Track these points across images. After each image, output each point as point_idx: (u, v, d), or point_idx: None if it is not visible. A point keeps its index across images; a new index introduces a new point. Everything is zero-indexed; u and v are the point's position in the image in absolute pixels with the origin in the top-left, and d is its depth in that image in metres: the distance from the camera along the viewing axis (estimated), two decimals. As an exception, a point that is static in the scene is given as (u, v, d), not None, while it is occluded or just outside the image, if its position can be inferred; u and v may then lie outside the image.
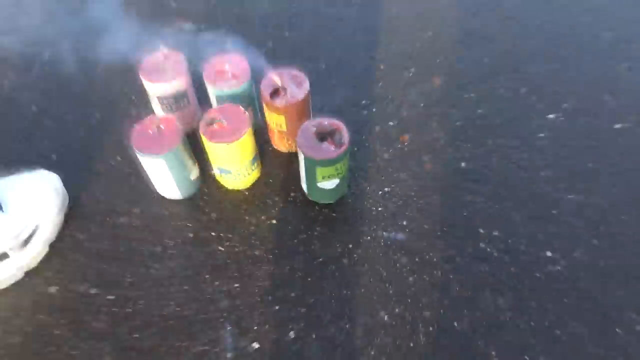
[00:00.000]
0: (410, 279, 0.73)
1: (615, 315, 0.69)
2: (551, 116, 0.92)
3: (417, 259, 0.75)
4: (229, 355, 0.67)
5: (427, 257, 0.75)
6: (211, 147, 0.76)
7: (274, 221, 0.80)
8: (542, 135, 0.89)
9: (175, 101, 0.84)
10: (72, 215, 0.81)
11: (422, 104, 0.95)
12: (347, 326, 0.69)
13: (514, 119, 0.92)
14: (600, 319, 0.69)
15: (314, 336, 0.68)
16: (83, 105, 0.97)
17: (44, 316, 0.72)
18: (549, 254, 0.75)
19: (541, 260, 0.74)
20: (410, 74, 1.00)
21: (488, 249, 0.76)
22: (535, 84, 0.97)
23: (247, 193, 0.84)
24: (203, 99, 0.87)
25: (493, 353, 0.66)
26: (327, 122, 0.75)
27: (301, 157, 0.74)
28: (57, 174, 0.81)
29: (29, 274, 0.76)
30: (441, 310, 0.70)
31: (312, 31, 1.10)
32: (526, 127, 0.91)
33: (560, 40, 1.06)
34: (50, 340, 0.69)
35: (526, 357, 0.66)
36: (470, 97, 0.96)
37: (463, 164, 0.86)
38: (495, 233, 0.77)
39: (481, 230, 0.77)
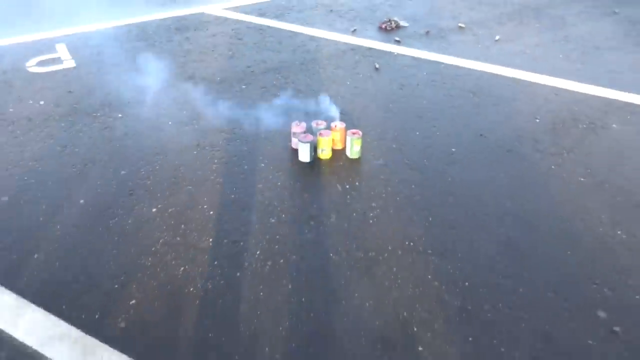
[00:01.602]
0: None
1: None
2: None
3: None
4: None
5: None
6: (321, 140, 2.52)
7: (340, 162, 2.53)
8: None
9: (303, 136, 2.61)
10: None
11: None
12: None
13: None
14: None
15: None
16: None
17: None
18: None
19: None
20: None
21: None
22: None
23: (329, 160, 2.57)
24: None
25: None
26: (354, 130, 2.56)
27: (348, 139, 2.52)
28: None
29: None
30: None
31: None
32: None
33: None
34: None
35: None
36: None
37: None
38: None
39: (404, 158, 2.56)
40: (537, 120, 2.90)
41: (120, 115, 2.90)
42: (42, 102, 3.01)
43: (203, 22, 4.12)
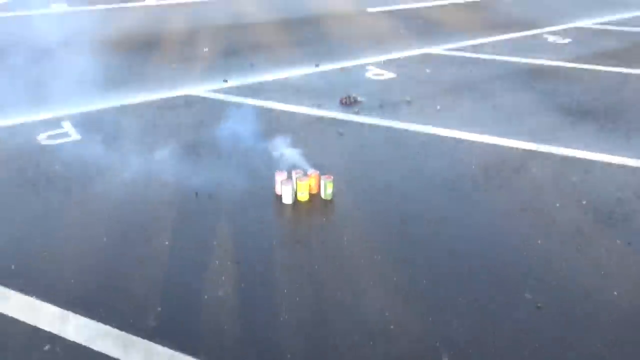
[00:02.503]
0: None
1: (401, 201, 3.06)
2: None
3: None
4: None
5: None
6: (299, 184, 3.09)
7: (317, 203, 3.08)
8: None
9: (285, 182, 3.17)
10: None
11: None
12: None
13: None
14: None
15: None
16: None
17: None
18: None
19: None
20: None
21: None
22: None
23: (306, 202, 3.12)
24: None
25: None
26: (327, 175, 3.15)
27: (322, 182, 3.10)
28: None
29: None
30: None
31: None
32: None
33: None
34: None
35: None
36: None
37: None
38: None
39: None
40: (473, 167, 3.57)
41: (126, 174, 3.41)
42: (57, 167, 3.49)
43: (189, 102, 4.76)
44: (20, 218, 2.95)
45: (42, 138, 3.93)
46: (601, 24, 8.32)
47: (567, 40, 7.18)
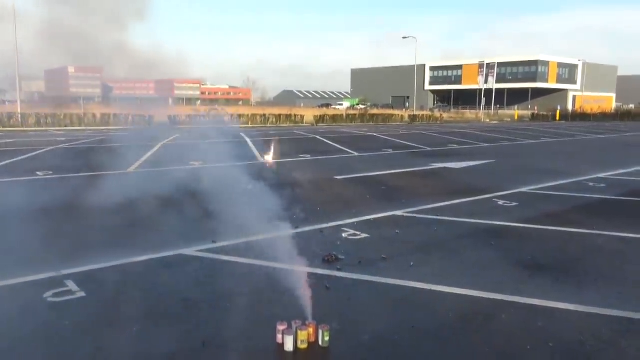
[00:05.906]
0: (351, 351, 3.36)
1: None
2: None
3: None
4: None
5: None
6: (299, 332, 3.40)
7: (315, 349, 3.37)
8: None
9: (287, 331, 3.48)
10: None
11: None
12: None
13: None
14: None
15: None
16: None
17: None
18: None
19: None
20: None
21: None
22: None
23: (306, 350, 3.40)
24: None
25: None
26: (323, 325, 3.49)
27: (320, 332, 3.43)
28: None
29: None
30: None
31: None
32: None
33: None
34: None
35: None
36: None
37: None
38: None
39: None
40: (451, 316, 3.99)
41: (134, 327, 3.64)
42: (66, 323, 3.69)
43: (183, 261, 5.14)
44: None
45: (49, 295, 4.15)
46: (541, 189, 9.49)
47: (514, 204, 8.15)
